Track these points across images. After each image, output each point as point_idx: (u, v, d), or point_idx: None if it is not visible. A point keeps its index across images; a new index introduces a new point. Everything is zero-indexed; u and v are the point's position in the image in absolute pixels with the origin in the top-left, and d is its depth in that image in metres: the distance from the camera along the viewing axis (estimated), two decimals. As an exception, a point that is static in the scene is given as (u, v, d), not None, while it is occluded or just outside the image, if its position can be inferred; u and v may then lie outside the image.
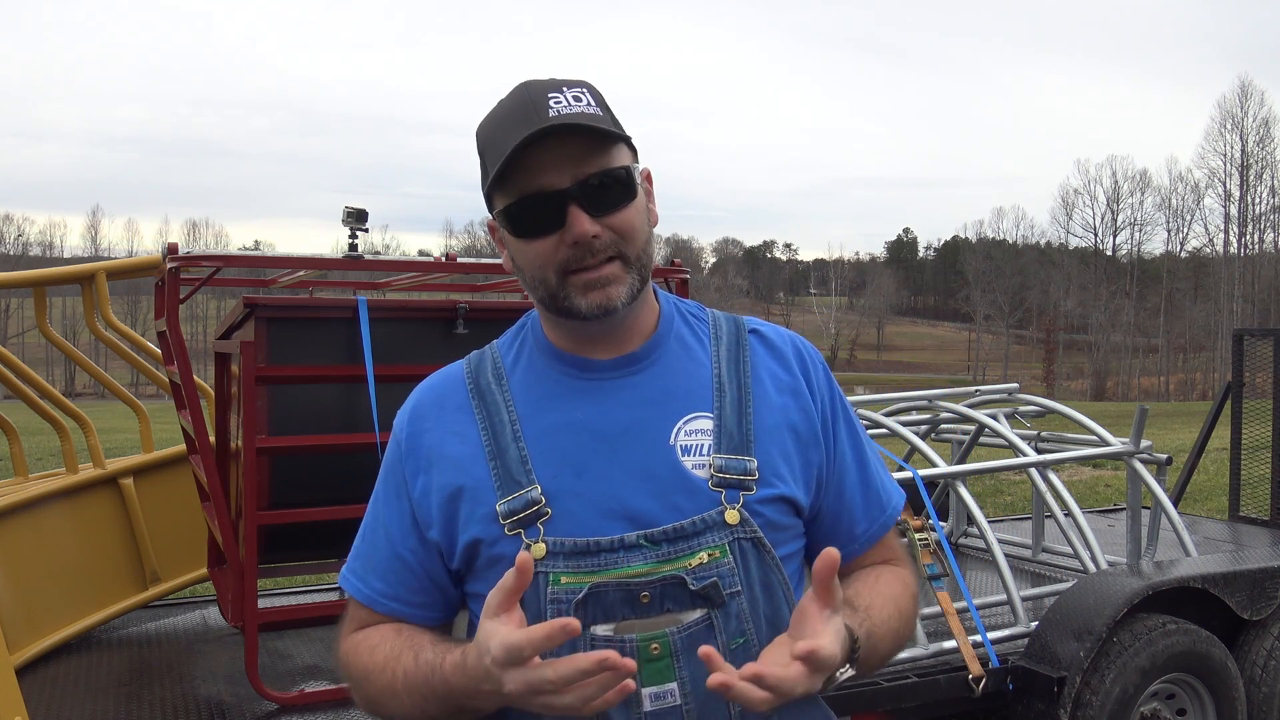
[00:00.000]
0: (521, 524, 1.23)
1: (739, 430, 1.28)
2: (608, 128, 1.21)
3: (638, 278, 1.25)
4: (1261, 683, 3.82)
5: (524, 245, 1.24)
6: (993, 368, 78.67)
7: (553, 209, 1.21)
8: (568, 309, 1.24)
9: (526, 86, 1.25)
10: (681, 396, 1.30)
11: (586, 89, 1.25)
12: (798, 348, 1.39)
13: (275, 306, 3.54)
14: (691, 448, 1.26)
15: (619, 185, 1.23)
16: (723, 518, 1.24)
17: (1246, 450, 5.56)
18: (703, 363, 1.33)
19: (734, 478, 1.25)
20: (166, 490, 4.44)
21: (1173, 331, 68.20)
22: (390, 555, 1.33)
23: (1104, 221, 73.67)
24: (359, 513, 1.40)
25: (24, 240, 76.60)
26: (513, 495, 1.24)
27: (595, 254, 1.22)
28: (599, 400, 1.28)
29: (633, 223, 1.25)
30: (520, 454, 1.26)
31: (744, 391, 1.31)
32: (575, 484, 1.24)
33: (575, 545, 1.21)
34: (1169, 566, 3.94)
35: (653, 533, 1.22)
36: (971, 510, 3.97)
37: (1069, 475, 11.63)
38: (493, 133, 1.25)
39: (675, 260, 3.99)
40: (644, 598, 1.20)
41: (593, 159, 1.22)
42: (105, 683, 3.60)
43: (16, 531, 3.79)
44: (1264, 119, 60.95)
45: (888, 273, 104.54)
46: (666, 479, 1.24)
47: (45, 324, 4.51)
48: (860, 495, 1.39)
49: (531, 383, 1.31)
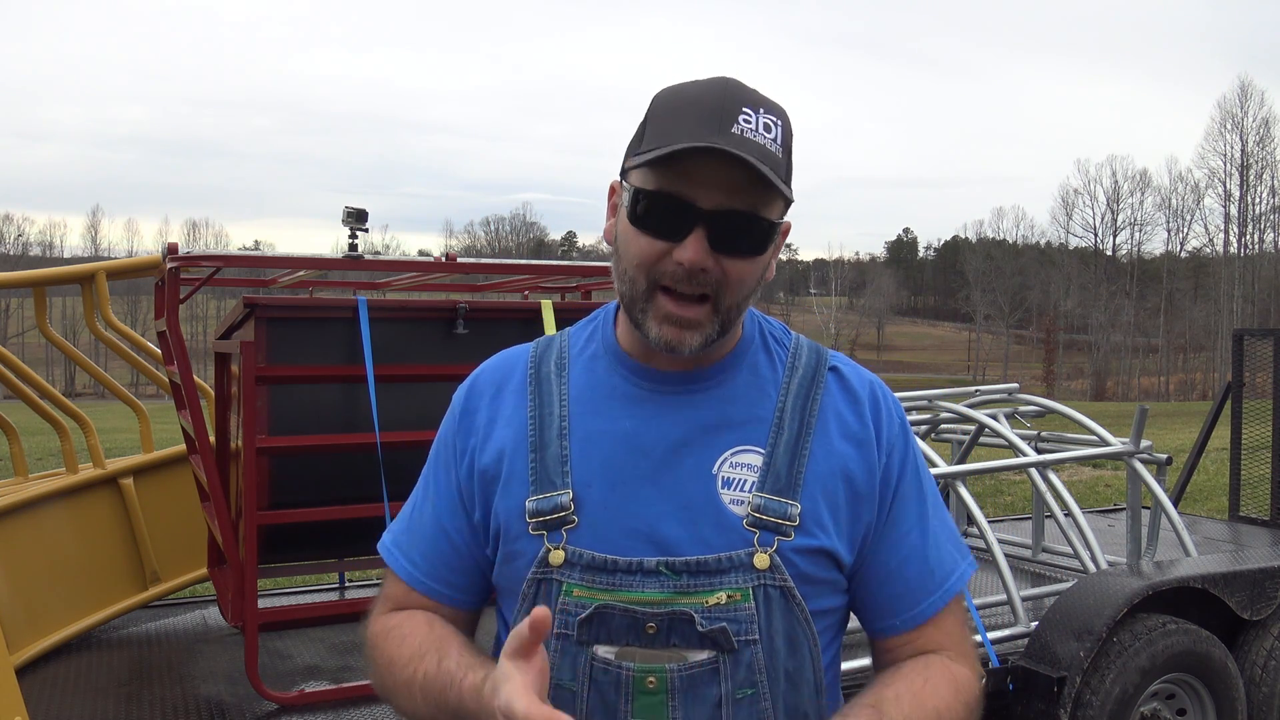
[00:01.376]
0: (546, 526, 1.20)
1: (788, 472, 1.20)
2: (772, 177, 1.11)
3: (718, 328, 1.18)
4: (1261, 683, 3.82)
5: (634, 234, 1.17)
6: (993, 368, 78.67)
7: (681, 220, 1.13)
8: (639, 323, 1.19)
9: (725, 85, 1.16)
10: (736, 426, 1.23)
11: (780, 122, 1.16)
12: (876, 395, 1.29)
13: (275, 306, 3.54)
14: (734, 481, 1.20)
15: (753, 234, 1.15)
16: (751, 560, 1.16)
17: (1246, 450, 5.56)
18: (769, 394, 1.25)
19: (771, 520, 1.18)
20: (166, 490, 4.44)
21: (1173, 331, 68.21)
22: (436, 532, 1.30)
23: (1104, 221, 73.76)
24: (359, 513, 1.41)
25: (24, 240, 76.61)
26: (543, 495, 1.21)
27: (694, 285, 1.15)
28: (651, 414, 1.23)
29: (745, 275, 1.17)
30: (562, 453, 1.22)
31: (805, 431, 1.23)
32: (607, 496, 1.19)
33: (593, 560, 1.17)
34: (1169, 566, 3.94)
35: (674, 561, 1.16)
36: (971, 510, 3.97)
37: (1069, 475, 11.63)
38: (670, 111, 1.16)
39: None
40: (650, 628, 1.15)
41: (745, 196, 1.13)
42: (105, 683, 3.60)
43: (16, 531, 3.79)
44: (1264, 119, 61.02)
45: (888, 273, 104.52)
46: (699, 508, 1.18)
47: (45, 324, 4.51)
48: (917, 566, 1.26)
49: (590, 380, 1.27)
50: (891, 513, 1.26)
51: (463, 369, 1.33)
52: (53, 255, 77.34)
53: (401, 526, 1.36)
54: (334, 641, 4.01)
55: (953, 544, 1.30)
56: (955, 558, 1.30)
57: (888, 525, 1.26)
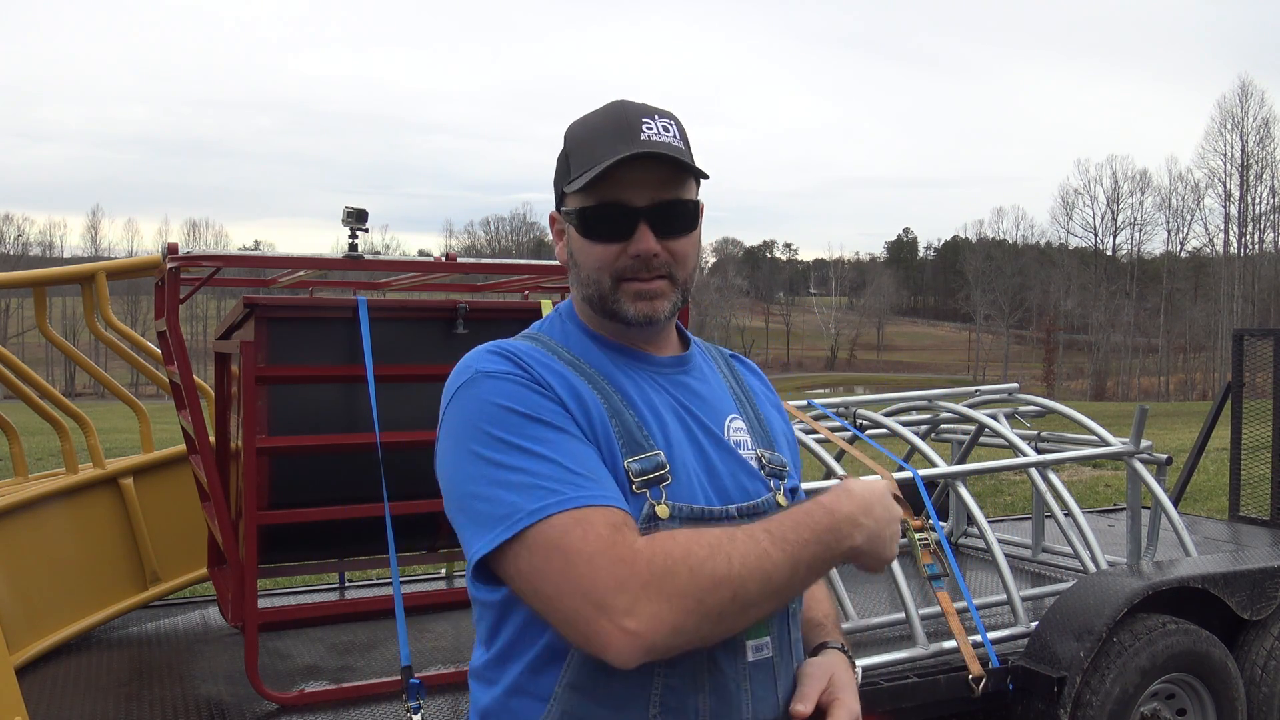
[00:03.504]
0: (648, 484, 1.31)
1: (764, 433, 1.48)
2: (690, 163, 1.37)
3: (680, 297, 1.41)
4: (1261, 683, 3.82)
5: (588, 246, 1.38)
6: (993, 368, 78.67)
7: (625, 222, 1.36)
8: (615, 312, 1.38)
9: (622, 106, 1.40)
10: (719, 398, 1.47)
11: (674, 122, 1.40)
12: (760, 371, 1.63)
13: (275, 306, 3.54)
14: (740, 442, 1.43)
15: (686, 215, 1.39)
16: (776, 500, 1.41)
17: (1246, 450, 5.56)
18: (719, 375, 1.52)
19: (775, 467, 1.45)
20: (166, 490, 4.45)
21: (1173, 331, 68.18)
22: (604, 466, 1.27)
23: (1104, 221, 73.72)
24: (359, 513, 1.41)
25: (24, 240, 76.64)
26: (641, 455, 1.32)
27: (650, 270, 1.37)
28: (669, 389, 1.42)
29: (687, 251, 1.40)
30: (635, 419, 1.35)
31: (752, 403, 1.52)
32: (683, 456, 1.35)
33: (693, 511, 1.32)
34: (1169, 566, 3.94)
35: (741, 506, 1.36)
36: (971, 510, 3.97)
37: (1069, 475, 11.63)
38: (585, 139, 1.39)
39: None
40: None
41: (670, 187, 1.37)
42: (105, 683, 3.60)
43: (16, 531, 3.79)
44: (1264, 119, 60.98)
45: (888, 273, 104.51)
46: (735, 462, 1.40)
47: (45, 324, 4.51)
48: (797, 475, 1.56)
49: (605, 366, 1.40)
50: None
51: None
52: (53, 255, 77.39)
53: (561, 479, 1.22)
54: (334, 641, 4.01)
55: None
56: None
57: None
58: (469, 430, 1.27)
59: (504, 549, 1.21)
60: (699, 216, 1.43)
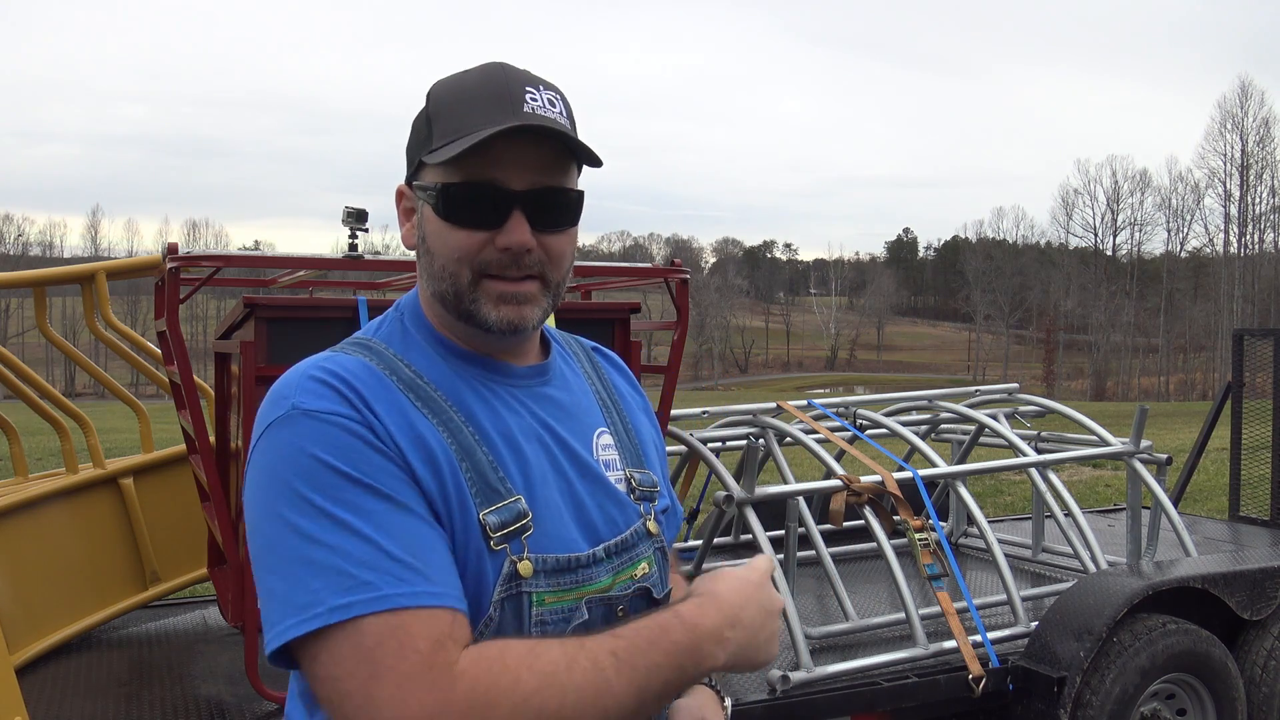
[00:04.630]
0: (508, 538, 1.10)
1: (633, 448, 1.30)
2: (582, 144, 1.15)
3: (550, 303, 1.19)
4: (1261, 683, 3.82)
5: (448, 230, 1.14)
6: (993, 368, 78.68)
7: (497, 206, 1.13)
8: (471, 314, 1.15)
9: (502, 69, 1.17)
10: (586, 410, 1.27)
11: (560, 97, 1.18)
12: (624, 365, 1.44)
13: (275, 306, 3.54)
14: (609, 462, 1.25)
15: (567, 208, 1.17)
16: (647, 528, 1.25)
17: (1246, 450, 5.56)
18: (581, 379, 1.32)
19: (646, 490, 1.28)
20: (166, 490, 4.44)
21: (1173, 331, 68.21)
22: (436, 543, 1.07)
23: (1104, 221, 73.76)
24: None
25: (24, 240, 76.74)
26: (498, 504, 1.11)
27: (520, 268, 1.15)
28: (531, 408, 1.20)
29: (564, 249, 1.18)
30: (487, 458, 1.12)
31: (620, 410, 1.33)
32: (545, 494, 1.15)
33: (557, 562, 1.13)
34: (1169, 566, 3.94)
35: (608, 545, 1.19)
36: (971, 510, 3.97)
37: (1069, 475, 11.63)
38: (455, 102, 1.15)
39: (675, 260, 3.98)
40: (620, 611, 1.19)
41: (553, 172, 1.15)
42: (105, 683, 3.60)
43: (16, 531, 3.79)
44: (1264, 119, 61.04)
45: (888, 273, 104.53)
46: (602, 491, 1.22)
47: (45, 324, 4.51)
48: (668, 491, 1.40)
49: (452, 383, 1.16)
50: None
51: None
52: (53, 255, 77.44)
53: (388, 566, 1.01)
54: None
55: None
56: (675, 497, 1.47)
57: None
58: (275, 484, 1.04)
59: (301, 641, 1.00)
60: (580, 209, 1.20)
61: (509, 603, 1.10)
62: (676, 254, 67.27)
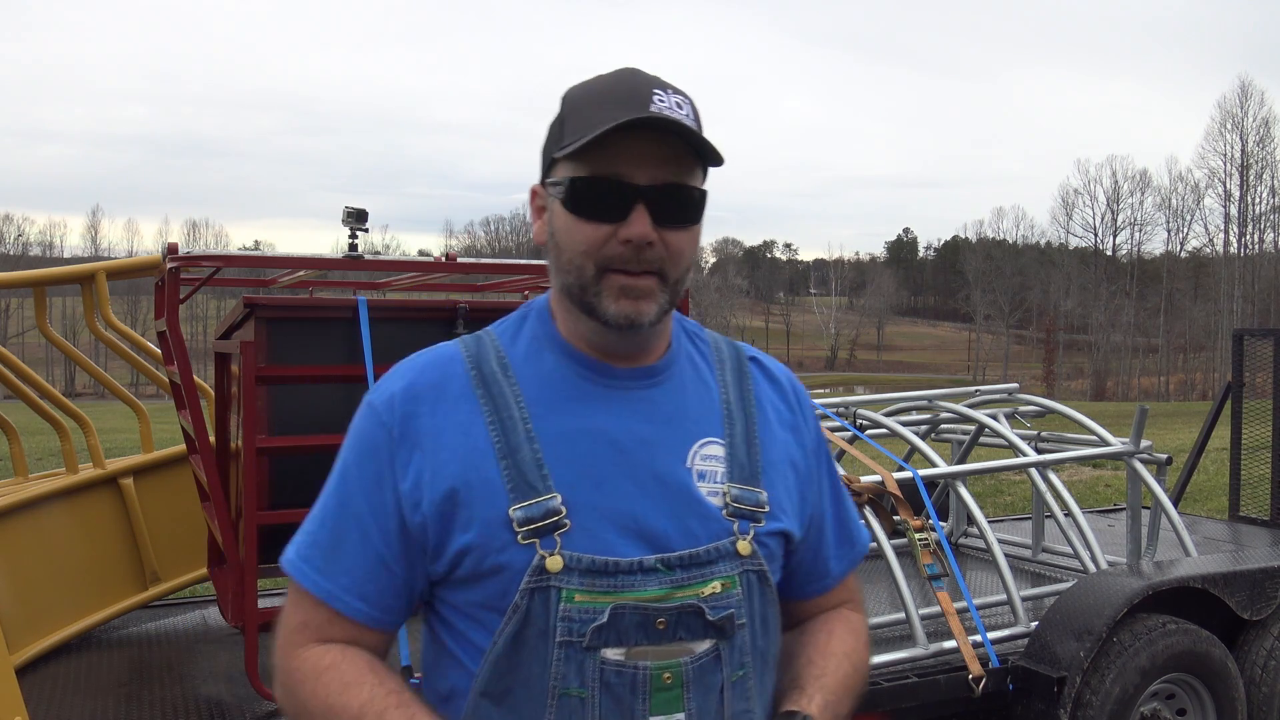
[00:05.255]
0: (537, 534, 1.16)
1: (749, 461, 1.25)
2: (705, 141, 1.18)
3: (669, 300, 1.21)
4: (1261, 683, 3.82)
5: (575, 224, 1.18)
6: (993, 368, 78.66)
7: (620, 200, 1.16)
8: (593, 307, 1.19)
9: (633, 73, 1.22)
10: (695, 418, 1.26)
11: (688, 101, 1.21)
12: (793, 383, 1.38)
13: (275, 306, 3.54)
14: (707, 474, 1.23)
15: (690, 205, 1.20)
16: (735, 548, 1.21)
17: (1246, 450, 5.56)
18: (710, 385, 1.29)
19: (747, 508, 1.23)
20: (166, 490, 4.44)
21: (1173, 331, 68.19)
22: (362, 550, 1.21)
23: (1104, 221, 73.74)
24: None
25: (24, 240, 76.67)
26: (529, 501, 1.16)
27: (641, 262, 1.17)
28: (619, 410, 1.22)
29: (684, 246, 1.21)
30: (535, 456, 1.18)
31: (751, 421, 1.28)
32: (594, 497, 1.18)
33: (594, 564, 1.16)
34: (1169, 566, 3.94)
35: (669, 557, 1.18)
36: (971, 510, 3.97)
37: (1069, 475, 11.63)
38: (586, 103, 1.20)
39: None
40: (660, 624, 1.17)
41: (676, 168, 1.18)
42: (105, 683, 3.60)
43: (16, 531, 3.79)
44: (1264, 119, 60.99)
45: (888, 273, 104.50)
46: (683, 501, 1.20)
47: (45, 324, 4.51)
48: (835, 533, 1.39)
49: (543, 379, 1.23)
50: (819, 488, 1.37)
51: None
52: (53, 255, 77.40)
53: (314, 545, 1.24)
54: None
55: (854, 509, 1.45)
56: (859, 523, 1.45)
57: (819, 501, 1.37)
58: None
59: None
60: (703, 207, 1.22)
61: (537, 594, 1.15)
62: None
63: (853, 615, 1.42)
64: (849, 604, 1.44)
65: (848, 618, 1.41)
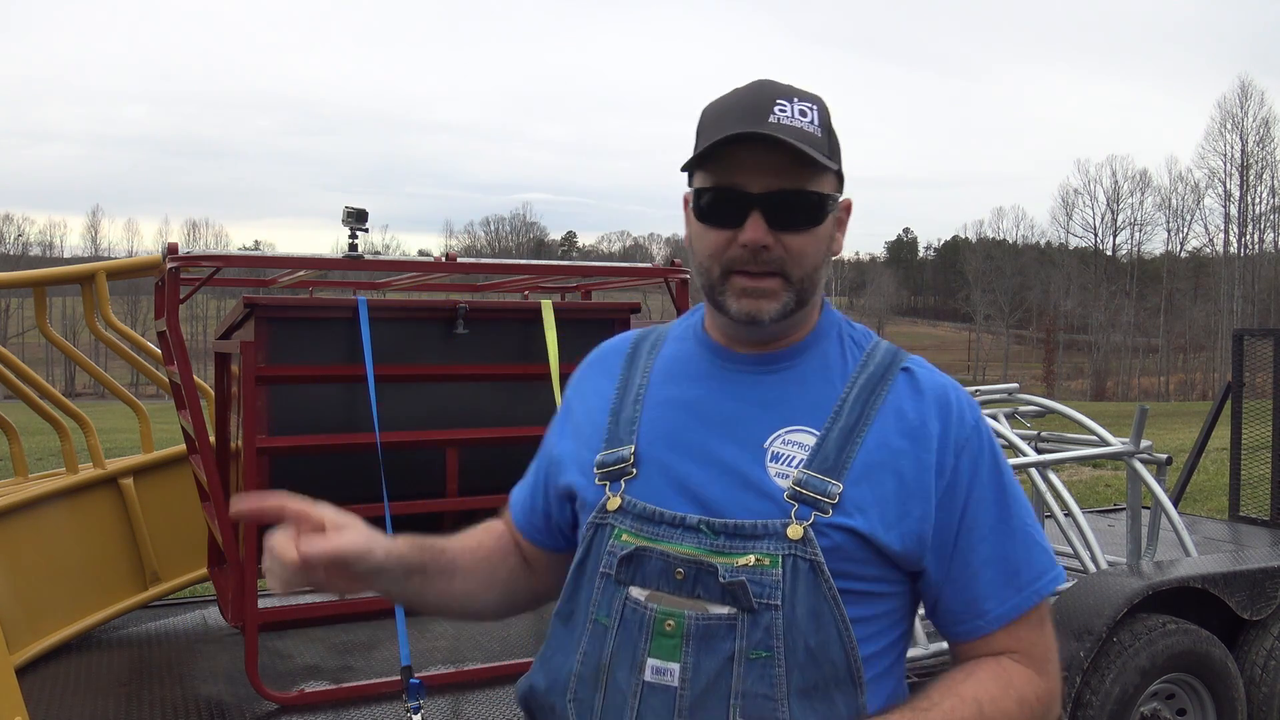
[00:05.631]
0: (609, 476, 1.32)
1: (837, 455, 1.25)
2: (811, 152, 1.22)
3: (794, 299, 1.28)
4: (1261, 683, 3.82)
5: (702, 230, 1.29)
6: (993, 368, 78.62)
7: (737, 208, 1.25)
8: (720, 305, 1.30)
9: (762, 84, 1.29)
10: (795, 408, 1.29)
11: (816, 107, 1.28)
12: (946, 397, 1.31)
13: (275, 306, 3.54)
14: (782, 456, 1.26)
15: (805, 209, 1.26)
16: (785, 530, 1.22)
17: (1246, 450, 5.56)
18: (835, 384, 1.31)
19: (810, 495, 1.23)
20: (166, 490, 4.45)
21: (1173, 331, 68.21)
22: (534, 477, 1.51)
23: (1104, 221, 73.74)
24: (359, 513, 1.39)
25: (24, 240, 76.56)
26: (612, 449, 1.34)
27: (760, 264, 1.25)
28: (717, 387, 1.34)
29: (805, 247, 1.26)
30: (633, 415, 1.35)
31: (862, 422, 1.27)
32: (664, 454, 1.31)
33: (643, 509, 1.29)
34: (1169, 566, 3.94)
35: (714, 522, 1.24)
36: (971, 510, 3.96)
37: (1069, 475, 11.63)
38: (714, 118, 1.30)
39: (675, 260, 3.99)
40: (678, 574, 1.23)
41: (790, 175, 1.24)
42: (105, 683, 3.60)
43: (16, 531, 3.80)
44: (1264, 119, 61.02)
45: (888, 273, 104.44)
46: (745, 477, 1.26)
47: (45, 324, 4.51)
48: (995, 571, 1.28)
49: (675, 358, 1.40)
50: (965, 516, 1.28)
51: (463, 369, 1.37)
52: (53, 255, 77.33)
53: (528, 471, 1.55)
54: (334, 641, 4.01)
55: (1035, 551, 1.30)
56: (1039, 566, 1.30)
57: (963, 529, 1.27)
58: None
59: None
60: (826, 212, 1.27)
61: (599, 529, 1.31)
62: (676, 254, 67.19)
63: (1013, 667, 1.28)
64: (1017, 656, 1.29)
65: (1005, 667, 1.28)
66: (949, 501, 1.27)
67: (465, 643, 4.01)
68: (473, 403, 3.71)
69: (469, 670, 3.63)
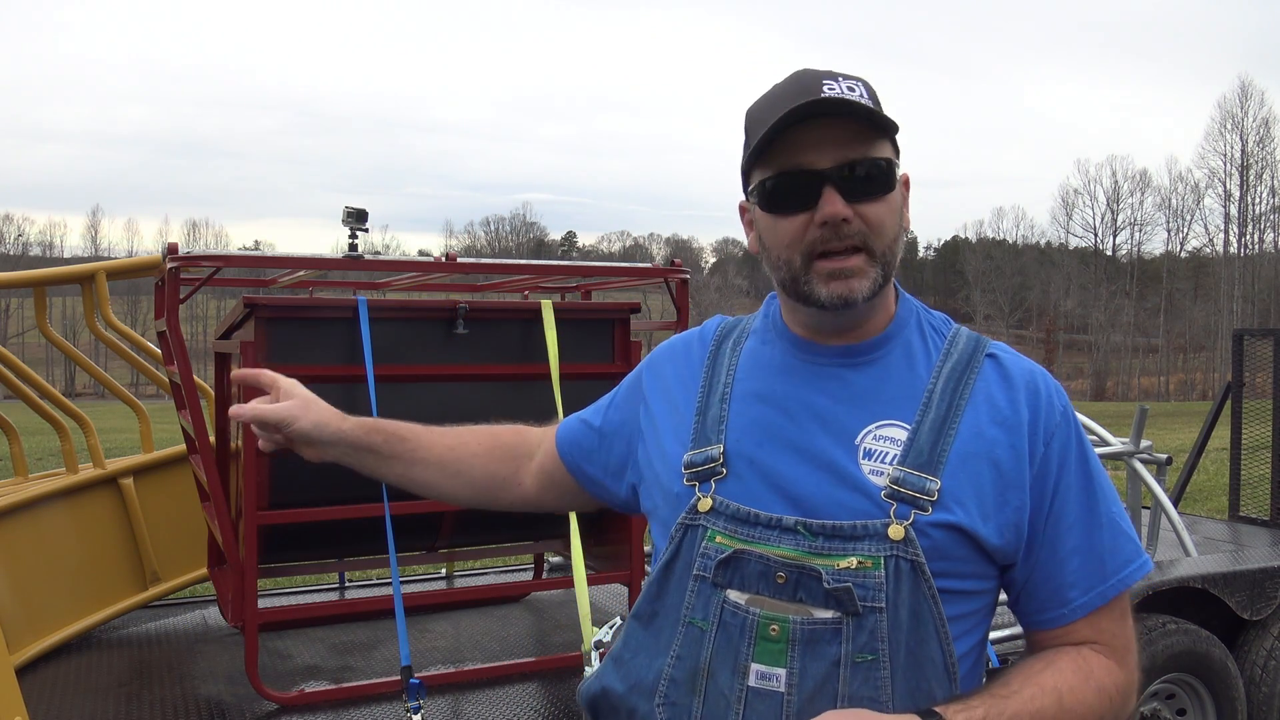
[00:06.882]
0: (698, 476, 1.29)
1: (931, 449, 1.22)
2: (875, 111, 1.21)
3: (881, 274, 1.24)
4: (1261, 683, 3.82)
5: (774, 222, 1.26)
6: (993, 368, 78.56)
7: (809, 188, 1.22)
8: (807, 295, 1.25)
9: (803, 72, 1.27)
10: (884, 401, 1.26)
11: (862, 83, 1.26)
12: (1035, 383, 1.29)
13: (275, 306, 3.54)
14: (875, 453, 1.23)
15: (878, 175, 1.23)
16: (886, 530, 1.19)
17: (1246, 450, 5.56)
18: (920, 374, 1.28)
19: (909, 493, 1.20)
20: (166, 490, 4.45)
21: (1173, 331, 68.20)
22: (588, 429, 1.53)
23: (1104, 221, 73.71)
24: (359, 513, 1.40)
25: (24, 240, 76.51)
26: (700, 449, 1.31)
27: (842, 239, 1.22)
28: (804, 383, 1.30)
29: (884, 217, 1.24)
30: (721, 413, 1.32)
31: (953, 412, 1.24)
32: (754, 453, 1.28)
33: (737, 511, 1.25)
34: (1169, 566, 3.94)
35: (811, 523, 1.21)
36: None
37: (1069, 475, 11.61)
38: (761, 110, 1.26)
39: (675, 260, 3.98)
40: (780, 578, 1.21)
41: (856, 145, 1.22)
42: (105, 683, 3.60)
43: (16, 531, 3.80)
44: (1264, 119, 61.04)
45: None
46: (839, 474, 1.23)
47: (45, 324, 4.51)
48: (1081, 559, 1.25)
49: (758, 353, 1.37)
50: (1054, 505, 1.25)
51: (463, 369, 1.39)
52: (53, 255, 77.27)
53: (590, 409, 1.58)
54: (334, 641, 4.01)
55: (1121, 540, 1.28)
56: (1124, 554, 1.27)
57: (1051, 518, 1.25)
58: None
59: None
60: (894, 177, 1.25)
61: (690, 530, 1.28)
62: (676, 254, 67.33)
63: (1095, 658, 1.25)
64: (1097, 646, 1.26)
65: (1086, 658, 1.25)
66: (1039, 489, 1.24)
67: (465, 643, 4.01)
68: (473, 403, 3.70)
69: (469, 670, 3.63)
